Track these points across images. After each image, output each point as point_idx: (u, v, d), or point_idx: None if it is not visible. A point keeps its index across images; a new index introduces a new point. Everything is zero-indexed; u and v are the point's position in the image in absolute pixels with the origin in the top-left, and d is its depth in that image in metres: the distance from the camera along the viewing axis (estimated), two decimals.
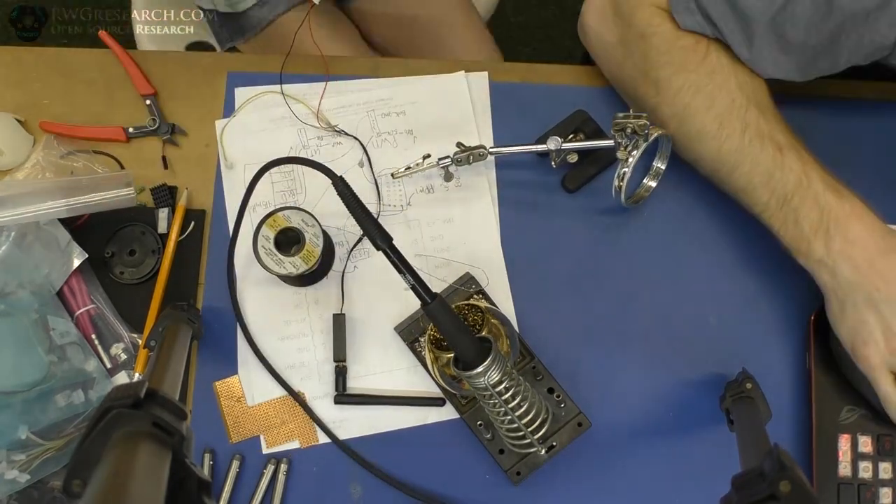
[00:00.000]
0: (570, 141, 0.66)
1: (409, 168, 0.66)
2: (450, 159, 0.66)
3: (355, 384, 0.65)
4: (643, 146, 0.61)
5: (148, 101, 0.70)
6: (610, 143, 0.63)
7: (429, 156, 0.66)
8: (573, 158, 0.66)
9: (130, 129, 0.70)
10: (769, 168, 0.58)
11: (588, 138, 0.68)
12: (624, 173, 0.62)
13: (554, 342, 0.65)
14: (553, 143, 0.64)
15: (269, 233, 0.62)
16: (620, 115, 0.62)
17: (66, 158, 0.69)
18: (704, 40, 0.61)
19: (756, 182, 0.59)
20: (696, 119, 0.61)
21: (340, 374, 0.65)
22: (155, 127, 0.70)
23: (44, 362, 0.61)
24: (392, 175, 0.67)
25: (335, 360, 0.65)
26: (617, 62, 0.66)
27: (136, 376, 0.64)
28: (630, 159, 0.61)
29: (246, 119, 0.71)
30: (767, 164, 0.58)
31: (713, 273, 0.68)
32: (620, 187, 0.63)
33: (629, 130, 0.61)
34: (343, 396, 0.64)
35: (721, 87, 0.60)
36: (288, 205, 0.65)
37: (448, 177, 0.67)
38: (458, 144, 0.66)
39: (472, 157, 0.65)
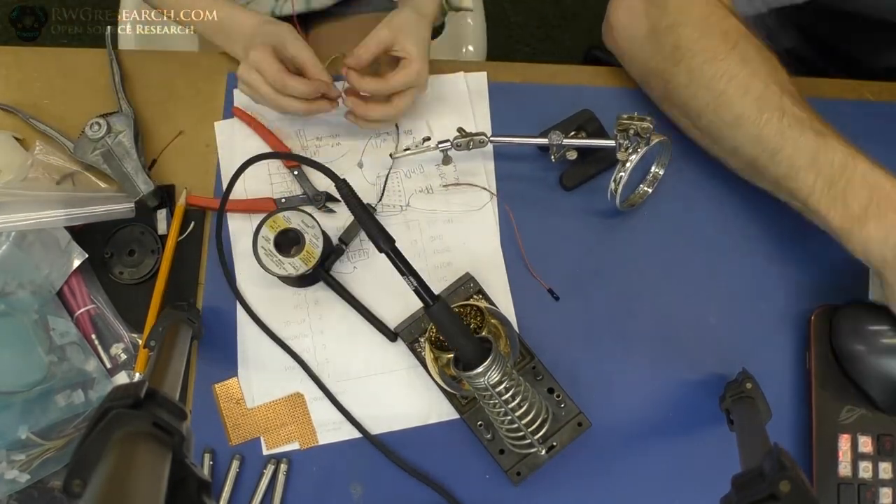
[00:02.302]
0: (572, 138, 0.66)
1: (408, 149, 0.66)
2: (450, 143, 0.66)
3: (355, 385, 0.65)
4: (643, 150, 0.61)
5: (296, 172, 0.69)
6: (611, 143, 0.63)
7: (428, 139, 0.66)
8: (573, 156, 0.66)
9: (282, 200, 0.68)
10: (813, 149, 0.57)
11: (590, 137, 0.68)
12: (620, 177, 0.62)
13: (554, 342, 0.65)
14: (554, 137, 0.64)
15: (268, 234, 0.62)
16: (625, 115, 0.62)
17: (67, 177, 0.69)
18: (735, 32, 0.61)
19: (800, 164, 0.58)
20: (733, 105, 0.60)
21: (337, 253, 0.66)
22: (302, 194, 0.69)
23: (44, 362, 0.61)
24: (391, 155, 0.67)
25: (339, 240, 0.66)
26: (646, 56, 0.66)
27: (136, 376, 0.64)
28: (629, 163, 0.61)
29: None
30: (810, 145, 0.57)
31: (713, 273, 0.68)
32: (616, 191, 0.63)
33: (632, 132, 0.61)
34: (323, 273, 0.65)
35: (754, 75, 0.60)
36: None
37: (447, 160, 0.67)
38: (459, 129, 0.66)
39: (472, 143, 0.65)
